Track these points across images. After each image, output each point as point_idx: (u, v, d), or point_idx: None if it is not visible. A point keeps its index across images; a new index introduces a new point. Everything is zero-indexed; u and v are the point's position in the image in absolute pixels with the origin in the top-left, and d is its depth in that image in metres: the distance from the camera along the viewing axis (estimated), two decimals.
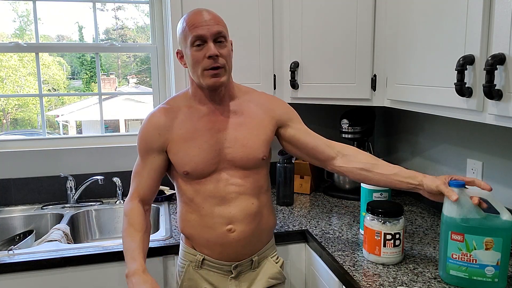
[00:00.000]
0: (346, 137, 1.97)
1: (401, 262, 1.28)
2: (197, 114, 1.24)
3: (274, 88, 1.85)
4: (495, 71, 0.98)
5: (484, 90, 1.00)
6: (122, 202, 1.97)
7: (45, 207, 1.94)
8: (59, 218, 1.84)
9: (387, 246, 1.25)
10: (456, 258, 1.11)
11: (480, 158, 1.53)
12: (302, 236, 1.58)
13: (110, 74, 9.23)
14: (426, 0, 1.29)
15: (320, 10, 1.72)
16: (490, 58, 0.98)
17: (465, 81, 1.09)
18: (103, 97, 2.20)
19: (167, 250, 1.47)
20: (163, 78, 2.14)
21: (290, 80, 1.80)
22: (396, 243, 1.25)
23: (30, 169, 1.98)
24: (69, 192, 1.96)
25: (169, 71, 2.08)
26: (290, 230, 1.58)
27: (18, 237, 1.70)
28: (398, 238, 1.25)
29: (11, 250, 1.43)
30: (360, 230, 1.55)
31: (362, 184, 1.49)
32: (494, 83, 0.99)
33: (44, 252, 1.44)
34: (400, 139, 2.09)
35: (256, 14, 1.79)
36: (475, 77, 1.08)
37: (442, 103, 1.24)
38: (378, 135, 2.29)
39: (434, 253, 1.34)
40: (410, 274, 1.20)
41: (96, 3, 2.09)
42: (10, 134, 8.81)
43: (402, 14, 1.43)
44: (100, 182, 1.95)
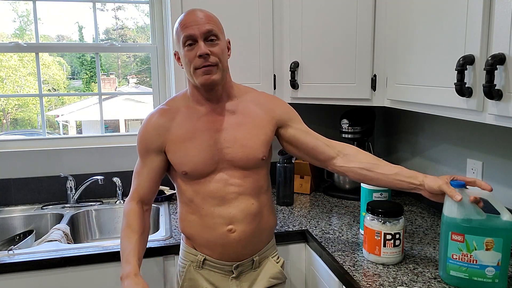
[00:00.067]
0: (346, 137, 1.97)
1: (401, 262, 1.28)
2: (196, 114, 1.24)
3: (274, 88, 1.85)
4: (495, 71, 0.98)
5: (484, 90, 1.00)
6: (122, 202, 1.98)
7: (45, 207, 1.94)
8: (59, 218, 1.84)
9: (387, 246, 1.25)
10: (456, 258, 1.11)
11: (480, 158, 1.53)
12: (302, 236, 1.58)
13: (110, 74, 9.23)
14: (426, 0, 1.29)
15: (320, 10, 1.72)
16: (490, 58, 0.98)
17: (465, 81, 1.09)
18: (103, 97, 2.20)
19: (167, 250, 1.47)
20: (163, 78, 2.14)
21: (290, 80, 1.80)
22: (396, 243, 1.25)
23: (30, 169, 1.98)
24: (69, 192, 1.96)
25: (169, 71, 2.08)
26: (290, 230, 1.58)
27: (18, 237, 1.70)
28: (398, 238, 1.25)
29: (11, 250, 1.43)
30: (360, 230, 1.55)
31: (362, 184, 1.49)
32: (494, 83, 0.99)
33: (44, 252, 1.44)
34: (400, 139, 2.09)
35: (256, 14, 1.78)
36: (475, 77, 1.08)
37: (442, 103, 1.24)
38: (378, 135, 2.29)
39: (434, 253, 1.34)
40: (410, 274, 1.20)
41: (96, 3, 2.09)
42: (10, 134, 8.81)
43: (402, 14, 1.43)
44: (100, 182, 1.95)
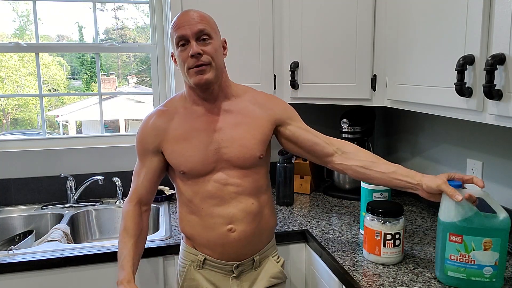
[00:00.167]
0: (346, 137, 1.97)
1: (401, 262, 1.28)
2: (193, 115, 1.24)
3: (274, 88, 1.85)
4: (495, 71, 0.98)
5: (484, 90, 1.00)
6: (122, 202, 1.97)
7: (45, 207, 1.94)
8: (59, 218, 1.84)
9: (387, 246, 1.25)
10: (454, 259, 1.11)
11: (480, 158, 1.53)
12: (302, 236, 1.58)
13: (110, 74, 9.23)
14: (426, 0, 1.29)
15: (320, 10, 1.72)
16: (490, 58, 0.98)
17: (465, 81, 1.09)
18: (103, 97, 2.20)
19: (167, 250, 1.47)
20: (163, 78, 2.14)
21: (290, 80, 1.80)
22: (396, 243, 1.25)
23: (30, 169, 1.98)
24: (69, 192, 1.96)
25: (169, 71, 2.08)
26: (290, 230, 1.58)
27: (18, 237, 1.70)
28: (398, 238, 1.25)
29: (11, 250, 1.43)
30: (360, 230, 1.55)
31: (362, 184, 1.49)
32: (494, 83, 0.99)
33: (44, 252, 1.44)
34: (400, 139, 2.09)
35: (256, 14, 1.79)
36: (475, 77, 1.08)
37: (442, 103, 1.24)
38: (378, 135, 2.29)
39: (434, 253, 1.34)
40: (410, 274, 1.20)
41: (96, 3, 2.09)
42: (10, 134, 8.81)
43: (402, 14, 1.43)
44: (100, 182, 1.95)
